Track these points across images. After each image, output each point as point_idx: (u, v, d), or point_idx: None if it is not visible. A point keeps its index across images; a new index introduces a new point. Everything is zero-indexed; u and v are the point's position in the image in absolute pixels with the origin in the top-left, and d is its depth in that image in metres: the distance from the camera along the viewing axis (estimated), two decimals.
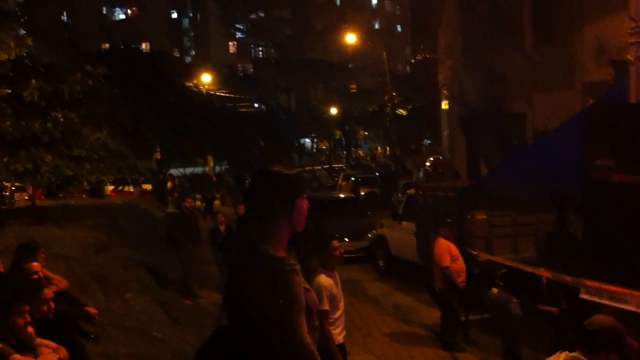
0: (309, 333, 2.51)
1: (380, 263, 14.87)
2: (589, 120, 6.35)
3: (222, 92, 48.57)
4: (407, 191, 15.89)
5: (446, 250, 9.02)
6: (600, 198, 6.16)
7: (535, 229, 10.13)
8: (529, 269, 7.58)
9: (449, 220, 9.56)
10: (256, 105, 55.36)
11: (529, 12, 16.15)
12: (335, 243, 5.80)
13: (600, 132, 6.19)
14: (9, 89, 13.74)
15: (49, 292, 4.71)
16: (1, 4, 15.79)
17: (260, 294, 2.45)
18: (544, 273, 7.34)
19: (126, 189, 29.22)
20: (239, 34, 68.88)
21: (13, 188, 23.28)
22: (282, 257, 2.53)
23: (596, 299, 6.29)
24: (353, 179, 31.65)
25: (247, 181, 34.12)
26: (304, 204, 2.62)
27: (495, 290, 7.73)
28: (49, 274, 6.18)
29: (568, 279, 6.83)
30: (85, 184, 19.03)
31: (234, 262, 2.72)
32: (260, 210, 2.58)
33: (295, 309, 2.44)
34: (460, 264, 9.10)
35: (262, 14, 64.94)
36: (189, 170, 42.11)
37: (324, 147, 61.01)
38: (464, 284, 9.09)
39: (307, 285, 2.67)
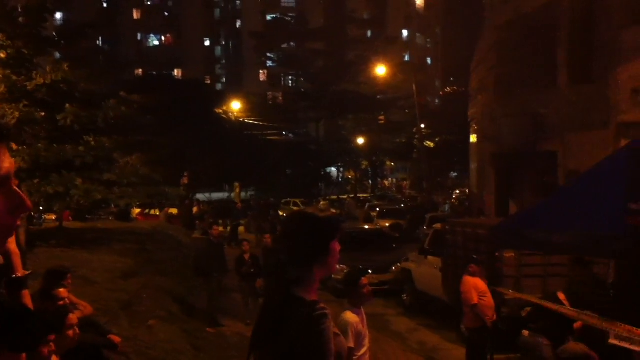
0: None
1: (405, 297, 14.70)
2: (629, 163, 6.23)
3: (252, 120, 49.05)
4: (434, 225, 15.73)
5: (472, 287, 8.88)
6: (636, 243, 6.02)
7: (565, 270, 9.93)
8: (559, 309, 7.40)
9: (476, 257, 9.43)
10: (284, 133, 55.73)
11: (564, 51, 16.08)
12: (364, 280, 5.73)
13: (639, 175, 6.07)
14: (43, 112, 14.00)
15: (74, 318, 4.69)
16: (40, 30, 16.20)
17: (292, 339, 2.41)
18: (571, 313, 7.17)
19: (152, 212, 29.45)
20: (270, 63, 69.66)
21: (41, 208, 23.59)
22: (314, 301, 2.49)
23: (626, 345, 6.11)
24: (378, 209, 31.54)
25: (272, 209, 34.20)
26: (338, 247, 2.59)
27: (526, 332, 7.56)
28: (75, 300, 6.19)
29: (597, 322, 6.66)
30: (113, 206, 19.18)
31: (265, 304, 2.67)
32: (295, 254, 2.55)
33: (326, 355, 2.40)
34: (488, 301, 8.95)
35: (293, 44, 65.64)
36: (215, 195, 42.37)
37: (350, 177, 61.04)
38: (493, 321, 8.95)
39: (336, 330, 2.62)
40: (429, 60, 79.89)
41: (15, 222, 1.09)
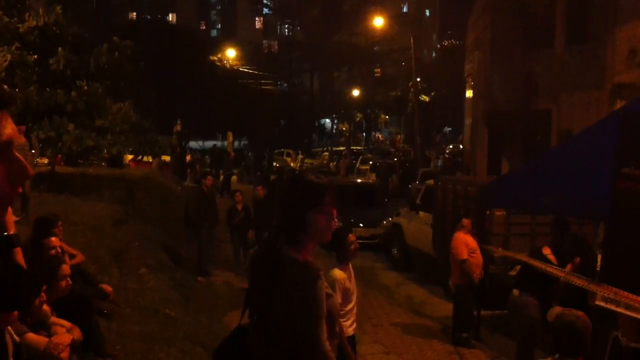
0: (329, 340, 2.50)
1: (395, 251, 14.83)
2: (621, 127, 6.22)
3: (246, 69, 48.54)
4: (426, 181, 15.77)
5: (463, 243, 8.97)
6: (626, 208, 6.06)
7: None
8: (545, 268, 7.48)
9: (466, 213, 9.50)
10: (279, 84, 55.26)
11: (562, 11, 15.90)
12: (351, 237, 5.77)
13: (631, 140, 6.07)
14: (35, 56, 13.80)
15: (66, 269, 4.71)
16: None
17: (283, 298, 2.44)
18: (558, 273, 7.26)
19: (145, 159, 29.30)
20: (266, 11, 68.58)
21: (33, 151, 23.43)
22: (306, 261, 2.51)
23: (612, 307, 6.21)
24: (371, 163, 31.56)
25: (265, 159, 34.16)
26: (333, 213, 2.59)
27: (516, 291, 7.66)
28: (67, 248, 6.21)
29: (583, 283, 6.75)
30: (105, 152, 19.10)
31: (257, 264, 2.69)
32: (289, 216, 2.56)
33: (317, 315, 2.43)
34: (477, 258, 9.05)
35: None
36: (208, 144, 42.23)
37: (344, 129, 60.88)
38: (480, 278, 9.08)
39: (329, 291, 2.65)
40: (427, 13, 78.79)
41: (16, 190, 1.07)
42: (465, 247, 8.94)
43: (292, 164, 37.12)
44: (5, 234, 1.31)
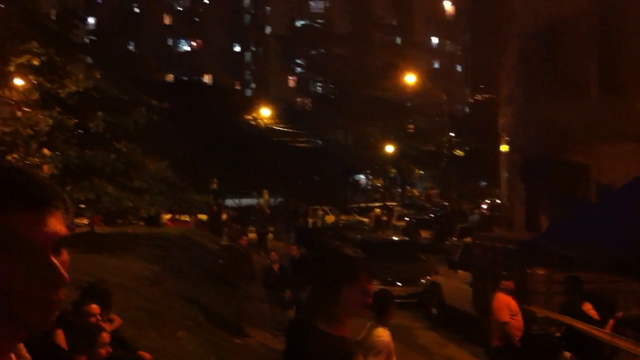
0: None
1: (434, 311, 14.55)
2: None
3: (280, 127, 49.21)
4: (464, 239, 15.56)
5: (505, 305, 8.73)
6: None
7: (598, 288, 9.73)
8: (591, 330, 7.24)
9: (508, 274, 9.29)
10: (313, 140, 55.75)
11: (595, 63, 15.84)
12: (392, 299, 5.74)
13: None
14: (75, 120, 14.19)
15: (106, 337, 4.70)
16: (71, 36, 16.44)
17: None
18: (605, 337, 7.02)
19: (182, 217, 29.64)
20: (298, 69, 69.86)
21: (68, 213, 23.79)
22: (342, 337, 2.45)
23: None
24: (407, 219, 31.33)
25: (301, 216, 34.18)
26: (369, 289, 2.52)
27: (567, 354, 7.40)
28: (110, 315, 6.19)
29: (630, 346, 6.51)
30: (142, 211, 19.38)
31: (291, 336, 2.64)
32: (323, 290, 2.50)
33: None
34: (519, 322, 8.79)
35: (322, 51, 65.76)
36: (244, 201, 42.53)
37: (378, 185, 60.77)
38: (521, 343, 8.79)
39: None
40: (458, 68, 79.36)
41: (52, 296, 1.05)
42: (507, 309, 8.70)
43: (327, 220, 37.10)
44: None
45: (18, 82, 16.86)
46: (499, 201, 29.14)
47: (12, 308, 1.00)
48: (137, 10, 78.07)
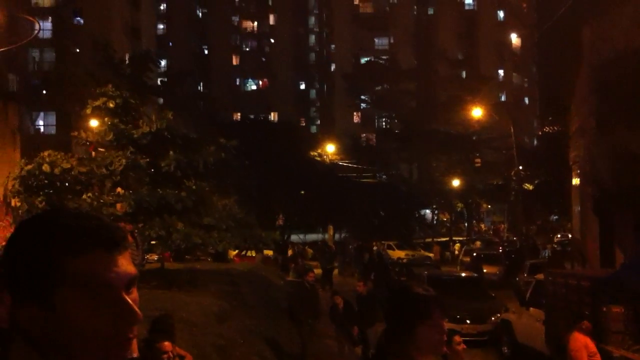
0: None
1: (505, 350, 14.15)
2: None
3: (345, 162, 49.43)
4: (536, 275, 15.13)
5: (583, 346, 8.40)
6: None
7: None
8: None
9: (586, 313, 8.96)
10: (378, 175, 55.72)
11: None
12: (457, 338, 5.65)
13: None
14: (147, 159, 14.67)
15: None
16: (145, 79, 17.11)
17: None
18: None
19: (249, 254, 29.98)
20: (363, 105, 70.30)
21: (139, 250, 24.46)
22: None
23: None
24: (475, 254, 30.72)
25: (367, 252, 34.01)
26: (443, 326, 2.50)
27: None
28: (177, 349, 6.29)
29: None
30: (211, 248, 19.72)
31: None
32: (397, 330, 2.50)
33: None
34: None
35: (387, 86, 66.04)
36: (309, 237, 42.68)
37: (444, 219, 60.00)
38: None
39: None
40: (526, 100, 78.23)
41: (125, 334, 1.09)
42: (586, 351, 8.37)
43: (392, 255, 36.80)
44: None
45: (94, 123, 17.63)
46: (571, 236, 28.26)
47: (90, 347, 1.05)
48: (206, 51, 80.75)
